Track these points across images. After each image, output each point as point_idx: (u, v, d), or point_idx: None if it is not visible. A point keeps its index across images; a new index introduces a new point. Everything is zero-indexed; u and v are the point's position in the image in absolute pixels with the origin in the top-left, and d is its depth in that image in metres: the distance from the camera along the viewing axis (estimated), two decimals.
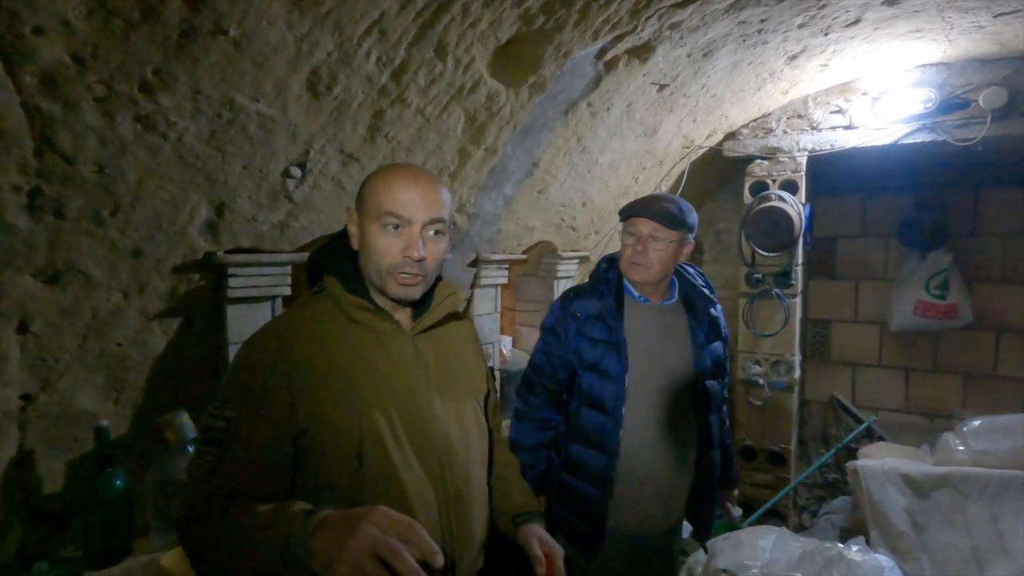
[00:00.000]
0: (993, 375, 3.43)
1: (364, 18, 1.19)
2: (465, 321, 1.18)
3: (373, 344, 0.96)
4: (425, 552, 0.67)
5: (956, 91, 2.61)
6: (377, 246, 0.93)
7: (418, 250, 0.92)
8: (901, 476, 2.53)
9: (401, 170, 0.96)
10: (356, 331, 0.95)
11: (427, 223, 0.93)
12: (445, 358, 1.04)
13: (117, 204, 1.18)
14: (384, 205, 0.92)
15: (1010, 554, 2.37)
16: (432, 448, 0.96)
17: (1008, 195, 3.34)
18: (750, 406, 3.17)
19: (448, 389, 1.01)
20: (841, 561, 1.55)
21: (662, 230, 1.47)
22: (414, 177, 0.95)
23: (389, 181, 0.94)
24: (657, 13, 1.64)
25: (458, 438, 1.00)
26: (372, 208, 0.93)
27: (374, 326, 0.96)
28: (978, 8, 1.96)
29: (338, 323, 0.95)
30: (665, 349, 1.53)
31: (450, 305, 1.06)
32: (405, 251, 0.92)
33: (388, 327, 0.97)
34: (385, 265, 0.93)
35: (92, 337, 1.32)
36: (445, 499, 0.96)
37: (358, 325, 0.96)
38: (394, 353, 0.97)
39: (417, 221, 0.92)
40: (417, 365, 0.98)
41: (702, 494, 1.59)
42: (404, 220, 0.92)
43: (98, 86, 1.00)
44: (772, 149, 3.03)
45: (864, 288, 3.73)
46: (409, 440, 0.93)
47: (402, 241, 0.93)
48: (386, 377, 0.94)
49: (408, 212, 0.92)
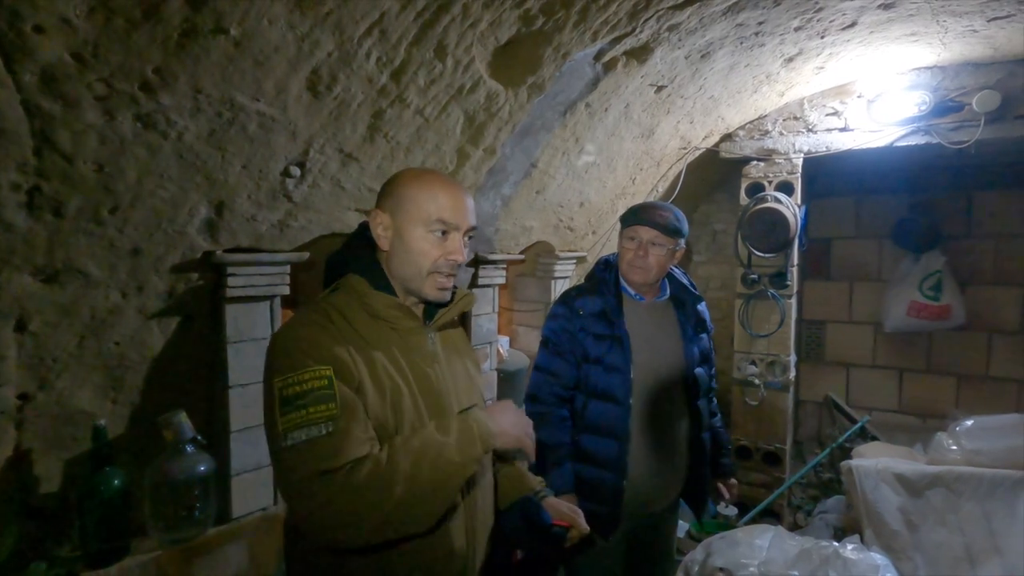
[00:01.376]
0: (985, 375, 3.46)
1: (365, 18, 1.19)
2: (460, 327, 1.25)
3: (396, 339, 1.00)
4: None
5: (950, 94, 2.64)
6: (421, 249, 0.99)
7: (463, 254, 1.00)
8: (895, 475, 2.54)
9: (444, 179, 1.02)
10: (379, 325, 0.99)
11: (468, 230, 1.01)
12: (454, 355, 1.11)
13: (116, 203, 1.18)
14: (435, 212, 0.98)
15: (1002, 553, 2.39)
16: None
17: (1001, 197, 3.37)
18: (746, 406, 3.19)
19: (461, 383, 1.08)
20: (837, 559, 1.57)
21: (661, 237, 1.60)
22: (457, 187, 1.02)
23: (435, 190, 0.99)
24: (656, 15, 1.65)
25: None
26: (418, 213, 0.98)
27: (399, 323, 1.01)
28: (972, 12, 1.98)
29: (362, 319, 0.99)
30: (659, 342, 1.68)
31: (464, 306, 1.12)
32: (451, 255, 0.99)
33: (413, 324, 1.03)
34: (427, 266, 0.99)
35: (90, 336, 1.31)
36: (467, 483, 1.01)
37: (381, 321, 1.00)
38: (414, 348, 1.02)
39: (462, 227, 1.00)
40: (434, 359, 1.05)
41: (696, 473, 1.73)
42: (452, 226, 0.99)
43: (98, 85, 1.00)
44: (768, 151, 3.04)
45: (858, 289, 3.75)
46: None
47: (447, 245, 0.99)
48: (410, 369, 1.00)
49: (457, 219, 0.99)
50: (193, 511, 1.39)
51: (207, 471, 1.41)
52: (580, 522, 1.12)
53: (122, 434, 1.46)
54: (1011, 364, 3.39)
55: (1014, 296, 3.37)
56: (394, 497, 0.83)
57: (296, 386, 0.86)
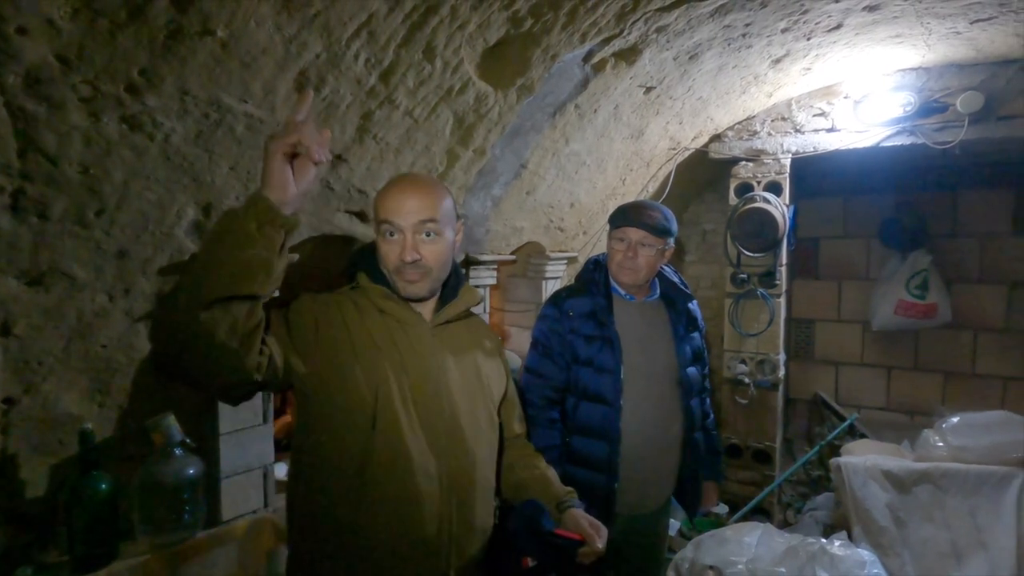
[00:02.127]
0: (971, 373, 3.51)
1: (353, 20, 1.19)
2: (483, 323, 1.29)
3: (398, 331, 1.06)
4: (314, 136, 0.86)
5: (934, 95, 2.67)
6: (382, 251, 1.06)
7: (410, 253, 1.02)
8: (883, 472, 2.58)
9: (397, 179, 1.09)
10: (385, 320, 1.06)
11: (417, 226, 1.03)
12: (461, 351, 1.13)
13: (102, 205, 1.17)
14: (381, 213, 1.04)
15: (987, 548, 2.43)
16: (440, 427, 1.04)
17: (985, 197, 3.41)
18: (736, 405, 3.21)
19: (462, 379, 1.10)
20: (824, 556, 1.59)
21: (650, 237, 1.60)
22: (405, 184, 1.06)
23: (385, 191, 1.06)
24: (643, 17, 1.66)
25: (467, 423, 1.08)
26: (376, 217, 1.06)
27: (397, 314, 1.06)
28: (955, 15, 2.01)
29: (372, 313, 1.07)
30: (651, 342, 1.67)
31: (468, 302, 1.15)
32: (401, 255, 1.03)
33: (411, 316, 1.08)
34: (390, 268, 1.06)
35: (76, 339, 1.30)
36: (448, 475, 1.03)
37: (386, 315, 1.06)
38: (414, 340, 1.07)
39: (408, 226, 1.03)
40: (434, 353, 1.08)
41: (688, 473, 1.72)
42: (396, 226, 1.03)
43: (83, 86, 0.99)
44: (757, 151, 3.07)
45: (847, 288, 3.79)
46: (419, 416, 1.02)
47: (399, 246, 1.03)
48: (406, 360, 1.04)
49: (397, 218, 1.02)
50: (182, 515, 1.38)
51: (196, 474, 1.40)
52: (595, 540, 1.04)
53: (109, 438, 1.45)
54: (996, 361, 3.44)
55: (998, 294, 3.42)
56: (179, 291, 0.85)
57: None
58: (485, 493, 1.10)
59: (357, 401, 0.99)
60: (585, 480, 1.58)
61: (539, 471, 1.22)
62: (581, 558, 1.04)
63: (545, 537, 1.03)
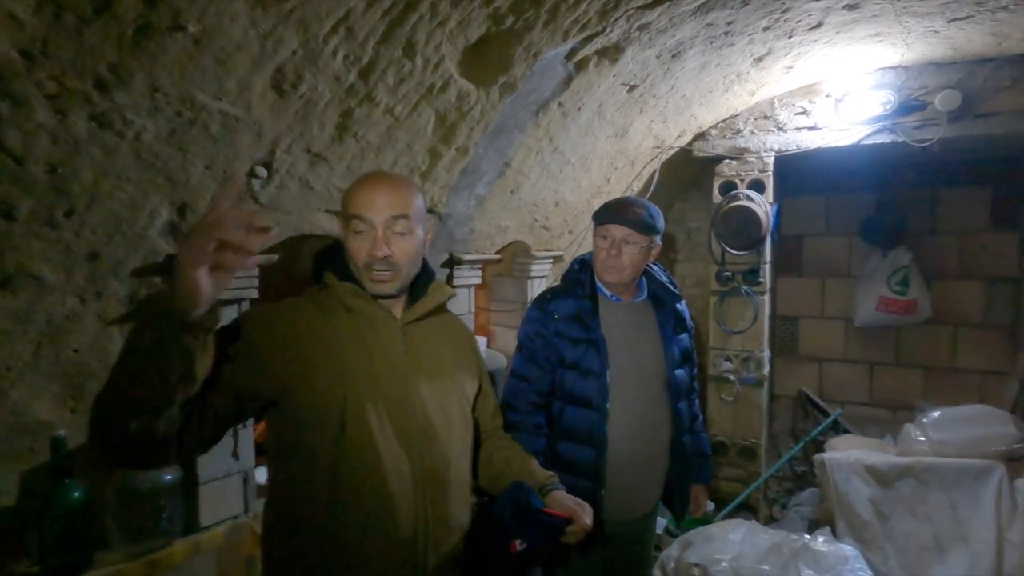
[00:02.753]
0: (951, 367, 3.56)
1: (330, 16, 1.17)
2: (457, 319, 1.26)
3: (367, 330, 1.04)
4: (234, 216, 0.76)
5: (914, 93, 2.71)
6: (350, 247, 1.03)
7: (381, 248, 1.00)
8: (865, 467, 2.61)
9: (366, 176, 1.08)
10: (353, 319, 1.04)
11: (388, 222, 1.01)
12: (433, 349, 1.11)
13: (71, 205, 1.14)
14: (350, 209, 1.02)
15: (968, 540, 2.47)
16: (412, 426, 1.03)
17: (963, 194, 3.47)
18: (722, 402, 3.23)
19: (434, 377, 1.08)
20: (807, 552, 1.60)
21: (634, 235, 1.55)
22: (376, 180, 1.04)
23: (355, 187, 1.04)
24: (626, 14, 1.66)
25: (439, 421, 1.06)
26: (344, 213, 1.04)
27: (366, 312, 1.05)
28: (933, 13, 2.04)
29: (339, 313, 1.04)
30: (638, 344, 1.63)
31: (438, 298, 1.14)
32: (371, 250, 1.01)
33: (380, 313, 1.06)
34: (359, 264, 1.03)
35: (47, 344, 1.27)
36: (421, 474, 1.02)
37: (355, 314, 1.04)
38: (384, 338, 1.05)
39: (378, 221, 1.01)
40: (406, 351, 1.06)
41: (676, 478, 1.68)
42: (367, 221, 1.01)
43: (49, 83, 0.96)
44: (740, 149, 3.09)
45: (830, 285, 3.83)
46: (389, 415, 1.01)
47: (368, 241, 1.01)
48: (375, 358, 1.02)
49: (369, 213, 1.01)
50: (159, 522, 1.35)
51: (173, 480, 1.38)
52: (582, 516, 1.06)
53: (83, 444, 1.42)
54: (975, 356, 3.49)
55: (977, 290, 3.48)
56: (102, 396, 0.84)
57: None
58: (460, 491, 1.09)
59: (325, 404, 0.97)
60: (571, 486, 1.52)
61: (518, 459, 1.21)
62: (569, 537, 1.05)
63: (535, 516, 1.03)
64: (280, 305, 1.06)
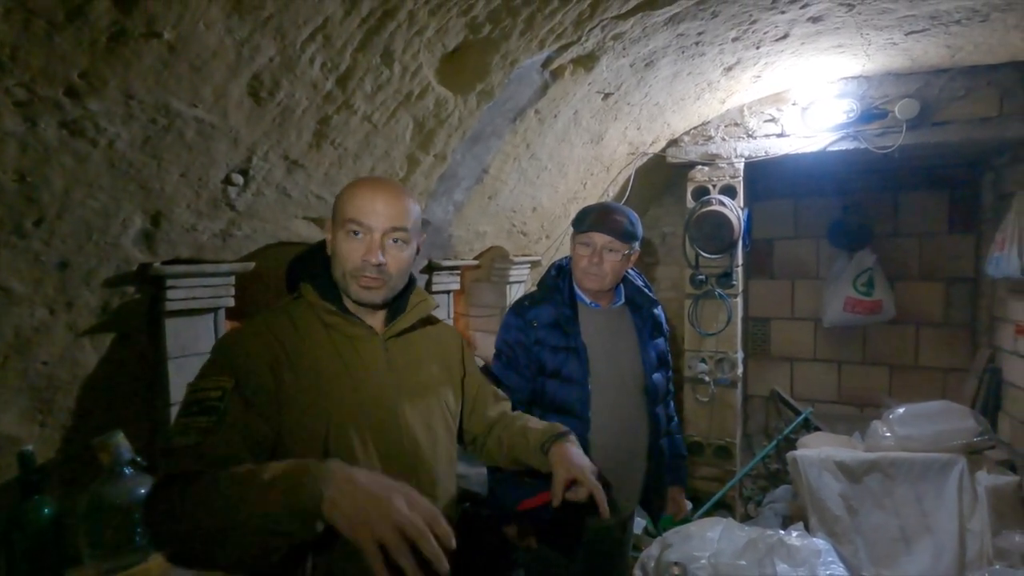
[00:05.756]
0: (915, 365, 3.70)
1: (307, 23, 1.17)
2: (443, 325, 1.23)
3: (347, 348, 1.01)
4: (444, 542, 0.70)
5: (875, 102, 2.81)
6: (342, 251, 0.99)
7: (376, 255, 0.98)
8: (836, 463, 2.68)
9: (368, 181, 1.03)
10: (332, 335, 1.01)
11: (388, 231, 0.99)
12: (416, 362, 1.09)
13: (41, 214, 1.11)
14: (348, 212, 0.98)
15: (933, 532, 2.56)
16: (397, 448, 1.00)
17: (923, 198, 3.61)
18: (697, 403, 3.29)
19: (418, 393, 1.06)
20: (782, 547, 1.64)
21: (616, 243, 1.56)
22: (378, 187, 1.01)
23: (354, 191, 1.01)
24: (600, 24, 1.69)
25: (425, 440, 1.04)
26: (339, 215, 1.00)
27: (346, 330, 1.01)
28: (892, 27, 2.13)
29: (316, 327, 1.00)
30: (617, 349, 1.63)
31: (421, 311, 1.11)
32: (365, 255, 0.98)
33: (360, 331, 1.03)
34: (348, 268, 0.99)
35: (14, 356, 1.23)
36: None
37: (333, 330, 1.01)
38: (366, 356, 1.02)
39: (377, 228, 0.98)
40: (388, 368, 1.03)
41: (654, 481, 1.70)
42: (365, 227, 0.98)
43: (18, 90, 0.94)
44: (712, 156, 3.16)
45: (799, 287, 3.94)
46: (374, 440, 0.98)
47: (363, 247, 0.98)
48: (357, 380, 0.99)
49: (369, 220, 0.98)
50: (133, 537, 1.31)
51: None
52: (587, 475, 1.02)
53: (53, 459, 1.38)
54: (937, 354, 3.63)
55: (937, 290, 3.62)
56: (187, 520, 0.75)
57: (198, 392, 0.88)
58: (447, 508, 1.07)
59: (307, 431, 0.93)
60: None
61: (518, 428, 1.18)
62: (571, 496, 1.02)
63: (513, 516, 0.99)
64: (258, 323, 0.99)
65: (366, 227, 0.98)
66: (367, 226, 0.98)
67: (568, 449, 1.09)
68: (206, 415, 0.85)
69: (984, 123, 2.66)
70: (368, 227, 0.98)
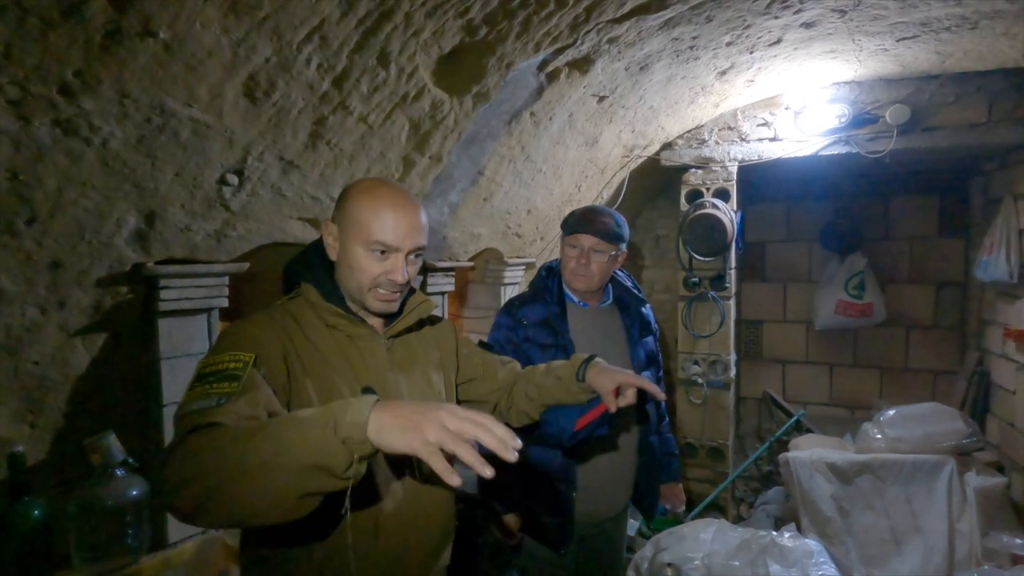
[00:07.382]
0: (905, 368, 3.73)
1: (304, 24, 1.17)
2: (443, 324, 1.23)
3: (350, 347, 1.01)
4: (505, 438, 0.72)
5: (866, 107, 2.84)
6: (361, 266, 0.98)
7: (402, 274, 0.98)
8: (827, 465, 2.70)
9: (389, 199, 0.98)
10: (335, 336, 1.01)
11: (413, 250, 1.00)
12: (416, 361, 1.10)
13: (33, 213, 1.10)
14: (374, 234, 0.96)
15: (923, 532, 2.59)
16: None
17: (913, 203, 3.65)
18: (690, 405, 3.30)
19: (419, 391, 1.07)
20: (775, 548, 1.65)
21: (602, 244, 1.60)
22: (403, 206, 0.98)
23: (378, 209, 0.97)
24: (596, 28, 1.70)
25: None
26: (360, 232, 0.97)
27: (349, 330, 1.02)
28: (883, 33, 2.15)
29: (318, 326, 1.01)
30: (605, 347, 1.65)
31: (421, 312, 1.11)
32: (389, 275, 0.98)
33: (363, 331, 1.03)
34: (367, 282, 0.99)
35: (5, 356, 1.22)
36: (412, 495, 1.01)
37: (335, 330, 1.01)
38: (368, 356, 1.02)
39: (404, 249, 0.98)
40: (390, 367, 1.04)
41: (644, 478, 1.73)
42: (392, 248, 0.97)
43: (11, 88, 0.94)
44: (705, 159, 3.18)
45: (792, 290, 3.97)
46: None
47: (386, 265, 0.98)
48: (361, 379, 0.99)
49: (396, 242, 0.97)
50: (124, 538, 1.31)
51: (140, 495, 1.33)
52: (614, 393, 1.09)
53: (44, 460, 1.36)
54: (927, 356, 3.67)
55: (927, 293, 3.66)
56: (220, 464, 0.69)
57: (213, 366, 0.85)
58: (447, 506, 1.09)
59: None
60: (544, 490, 1.58)
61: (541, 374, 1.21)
62: (623, 402, 1.10)
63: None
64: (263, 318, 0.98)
65: (394, 248, 0.97)
66: (395, 247, 0.97)
67: (603, 365, 1.15)
68: (228, 381, 0.82)
69: (973, 129, 2.69)
70: (396, 248, 0.97)
